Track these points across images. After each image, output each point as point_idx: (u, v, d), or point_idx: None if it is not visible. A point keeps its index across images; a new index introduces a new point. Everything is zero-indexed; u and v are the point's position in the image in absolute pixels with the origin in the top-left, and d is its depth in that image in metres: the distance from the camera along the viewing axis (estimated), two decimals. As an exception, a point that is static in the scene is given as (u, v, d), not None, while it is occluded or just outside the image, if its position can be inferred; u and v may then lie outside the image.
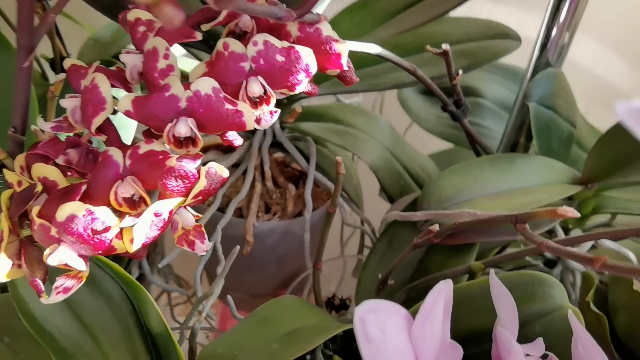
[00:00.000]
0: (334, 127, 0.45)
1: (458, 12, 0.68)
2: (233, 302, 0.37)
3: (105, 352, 0.27)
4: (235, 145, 0.24)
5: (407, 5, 0.37)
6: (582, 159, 0.44)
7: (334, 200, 0.34)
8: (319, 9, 0.38)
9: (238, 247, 0.34)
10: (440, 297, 0.17)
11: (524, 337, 0.24)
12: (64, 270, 0.22)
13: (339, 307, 0.46)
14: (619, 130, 0.36)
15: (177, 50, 0.25)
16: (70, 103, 0.24)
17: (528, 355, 0.21)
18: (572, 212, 0.19)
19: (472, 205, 0.34)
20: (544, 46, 0.39)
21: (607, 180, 0.37)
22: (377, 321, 0.15)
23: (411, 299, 0.34)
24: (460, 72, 0.34)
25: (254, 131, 0.46)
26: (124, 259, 0.41)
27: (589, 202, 0.39)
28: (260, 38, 0.21)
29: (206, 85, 0.21)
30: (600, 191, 0.39)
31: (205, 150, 0.52)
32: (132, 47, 0.24)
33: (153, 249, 0.53)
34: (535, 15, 0.44)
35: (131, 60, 0.23)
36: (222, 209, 0.44)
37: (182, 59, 0.41)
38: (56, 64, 0.46)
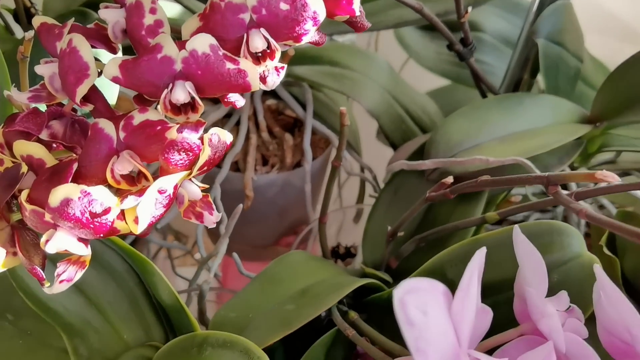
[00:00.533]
0: (330, 70, 0.42)
1: None
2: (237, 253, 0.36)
3: (114, 325, 0.27)
4: (237, 106, 0.22)
5: None
6: (586, 95, 0.42)
7: (339, 154, 0.32)
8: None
9: (241, 205, 0.33)
10: (476, 269, 0.16)
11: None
12: (65, 255, 0.20)
13: (345, 255, 0.46)
14: (631, 67, 0.34)
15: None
16: (47, 70, 0.21)
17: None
18: (612, 177, 0.18)
19: (481, 151, 0.33)
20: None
21: (617, 119, 0.36)
22: (417, 302, 0.14)
23: (420, 249, 0.34)
24: (469, 9, 0.32)
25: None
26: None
27: (596, 140, 0.38)
28: (261, -16, 0.19)
29: (203, 43, 0.18)
30: (607, 129, 0.37)
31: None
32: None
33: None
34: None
35: (112, 17, 0.20)
36: (218, 164, 0.42)
37: (164, 3, 0.37)
38: (20, 16, 0.42)
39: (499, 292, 0.26)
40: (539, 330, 0.19)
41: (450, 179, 0.28)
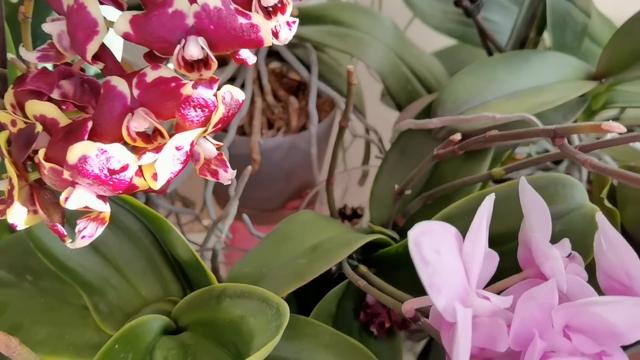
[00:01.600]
0: (334, 30, 0.42)
1: None
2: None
3: (132, 282, 0.27)
4: (248, 63, 0.22)
5: None
6: (592, 52, 0.42)
7: (346, 114, 0.32)
8: None
9: (250, 167, 0.33)
10: (485, 214, 0.17)
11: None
12: (83, 212, 0.20)
13: (351, 216, 0.46)
14: (638, 22, 0.34)
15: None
16: (54, 28, 0.21)
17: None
18: (618, 127, 0.18)
19: (488, 108, 0.33)
20: None
21: (622, 74, 0.36)
22: (431, 243, 0.14)
23: (428, 206, 0.34)
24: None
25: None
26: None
27: (600, 97, 0.38)
28: None
29: (214, -3, 0.18)
30: (612, 86, 0.37)
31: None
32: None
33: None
34: None
35: (119, -29, 0.20)
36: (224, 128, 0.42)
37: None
38: (18, -23, 0.41)
39: (504, 243, 0.26)
40: (542, 273, 0.19)
41: (458, 136, 0.28)
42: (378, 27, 0.42)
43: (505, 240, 0.26)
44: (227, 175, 0.22)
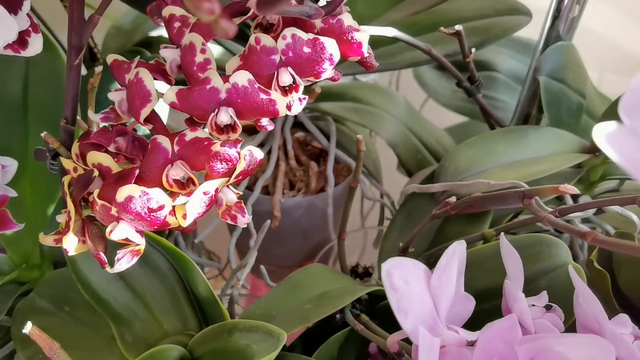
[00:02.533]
0: (352, 106, 0.47)
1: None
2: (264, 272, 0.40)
3: (156, 317, 0.31)
4: (268, 129, 0.26)
5: (421, -14, 0.38)
6: (591, 127, 0.45)
7: (355, 176, 0.36)
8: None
9: (269, 221, 0.37)
10: (455, 255, 0.20)
11: (532, 292, 0.26)
12: (121, 245, 0.25)
13: (363, 274, 0.49)
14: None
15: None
16: (117, 96, 0.26)
17: (533, 305, 0.23)
18: (572, 190, 0.21)
19: (486, 176, 0.36)
20: (554, 19, 0.40)
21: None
22: (401, 274, 0.17)
23: (430, 264, 0.37)
24: (473, 50, 0.36)
25: (276, 112, 0.48)
26: (163, 234, 0.44)
27: (597, 169, 0.41)
28: (289, 32, 0.23)
29: (243, 78, 0.23)
30: (607, 158, 0.40)
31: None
32: (156, 33, 0.26)
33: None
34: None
35: (170, 55, 0.25)
36: (250, 187, 0.47)
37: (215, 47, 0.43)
38: (85, 55, 0.49)
39: (496, 298, 0.29)
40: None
41: (453, 199, 0.32)
42: (391, 103, 0.47)
43: (494, 296, 0.29)
44: (244, 220, 0.26)
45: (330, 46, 0.24)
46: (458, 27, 0.33)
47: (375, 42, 0.40)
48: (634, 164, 0.12)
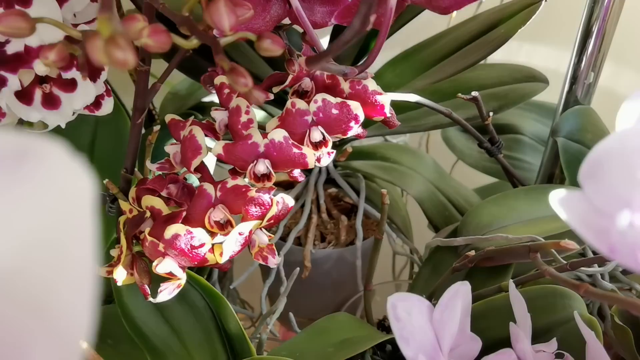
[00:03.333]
0: (381, 164, 0.50)
1: (498, 55, 0.72)
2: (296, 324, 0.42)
3: (190, 351, 0.33)
4: (299, 180, 0.29)
5: (442, 57, 0.42)
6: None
7: (380, 228, 0.39)
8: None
9: (298, 269, 0.40)
10: (458, 293, 0.21)
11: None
12: (164, 279, 0.28)
13: (389, 327, 0.50)
14: None
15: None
16: (172, 149, 0.30)
17: (543, 351, 0.24)
18: (572, 245, 0.23)
19: (507, 231, 0.38)
20: (571, 85, 0.43)
21: None
22: (404, 306, 0.19)
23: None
24: (491, 114, 0.39)
25: (311, 170, 0.52)
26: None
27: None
28: (320, 97, 0.27)
29: (279, 135, 0.27)
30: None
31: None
32: (208, 99, 0.31)
33: (224, 274, 0.59)
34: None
35: (219, 116, 0.30)
36: (283, 238, 0.50)
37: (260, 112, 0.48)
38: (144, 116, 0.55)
39: (510, 345, 0.29)
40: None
41: (472, 253, 0.33)
42: (419, 163, 0.50)
43: (509, 344, 0.29)
44: (274, 261, 0.28)
45: (356, 108, 0.27)
46: (474, 93, 0.36)
47: (402, 107, 0.44)
48: (585, 227, 0.13)
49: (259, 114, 0.53)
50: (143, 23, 0.17)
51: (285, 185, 0.57)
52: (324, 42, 0.44)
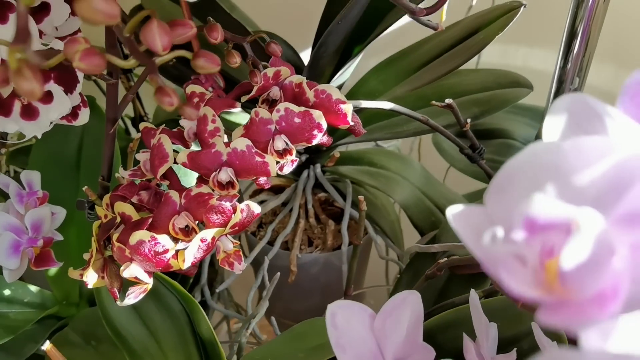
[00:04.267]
0: (368, 170, 0.50)
1: (495, 58, 0.71)
2: (284, 327, 0.43)
3: (165, 353, 0.34)
4: (266, 187, 0.30)
5: (424, 63, 0.42)
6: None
7: (358, 234, 0.39)
8: (347, 72, 0.44)
9: (279, 273, 0.40)
10: (404, 302, 0.22)
11: (516, 354, 0.27)
12: (135, 283, 0.28)
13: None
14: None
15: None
16: (142, 157, 0.31)
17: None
18: None
19: (485, 239, 0.38)
20: (557, 90, 0.42)
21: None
22: (344, 314, 0.19)
23: (430, 324, 0.38)
24: (469, 120, 0.39)
25: (299, 174, 0.53)
26: (188, 283, 0.48)
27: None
28: (282, 106, 0.28)
29: (242, 144, 0.27)
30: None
31: (260, 191, 0.59)
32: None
33: (215, 277, 0.60)
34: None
35: (187, 124, 0.30)
36: (271, 242, 0.51)
37: (241, 114, 0.49)
38: (136, 121, 0.56)
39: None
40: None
41: (443, 260, 0.33)
42: (406, 168, 0.50)
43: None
44: (239, 267, 0.29)
45: (318, 117, 0.28)
46: (448, 100, 0.36)
47: (385, 114, 0.44)
48: (474, 241, 0.13)
49: (244, 119, 0.53)
50: (82, 45, 0.17)
51: (275, 190, 0.58)
52: (308, 53, 0.44)
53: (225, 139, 0.29)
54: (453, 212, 0.13)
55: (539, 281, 0.12)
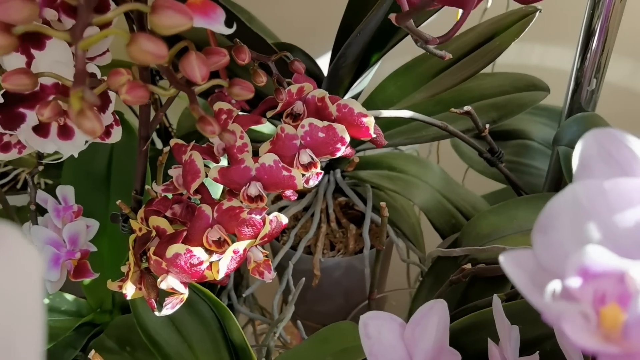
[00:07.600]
0: (387, 174, 0.51)
1: (510, 58, 0.72)
2: (308, 330, 0.44)
3: (198, 358, 0.35)
4: (292, 199, 0.31)
5: (442, 69, 0.43)
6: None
7: (381, 239, 0.40)
8: (365, 80, 0.45)
9: (304, 278, 0.41)
10: (432, 310, 0.23)
11: (540, 355, 0.28)
12: (170, 293, 0.30)
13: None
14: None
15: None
16: (175, 172, 0.33)
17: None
18: None
19: (506, 242, 0.38)
20: (574, 91, 0.43)
21: None
22: (375, 324, 0.20)
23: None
24: (487, 125, 0.39)
25: (320, 180, 0.54)
26: (215, 288, 0.50)
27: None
28: (307, 122, 0.29)
29: (269, 159, 0.29)
30: None
31: (281, 197, 0.60)
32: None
33: (240, 281, 0.62)
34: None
35: (217, 140, 0.32)
36: (294, 247, 0.52)
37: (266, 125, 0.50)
38: (161, 133, 0.58)
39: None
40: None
41: (468, 266, 0.34)
42: (426, 171, 0.51)
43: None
44: (269, 276, 0.30)
45: (341, 131, 0.29)
46: (467, 108, 0.37)
47: (404, 119, 0.45)
48: (530, 287, 0.13)
49: (269, 128, 0.55)
50: (126, 77, 0.19)
51: (298, 194, 0.59)
52: (325, 60, 0.45)
53: (250, 149, 0.31)
54: (504, 259, 0.13)
55: (597, 329, 0.12)
